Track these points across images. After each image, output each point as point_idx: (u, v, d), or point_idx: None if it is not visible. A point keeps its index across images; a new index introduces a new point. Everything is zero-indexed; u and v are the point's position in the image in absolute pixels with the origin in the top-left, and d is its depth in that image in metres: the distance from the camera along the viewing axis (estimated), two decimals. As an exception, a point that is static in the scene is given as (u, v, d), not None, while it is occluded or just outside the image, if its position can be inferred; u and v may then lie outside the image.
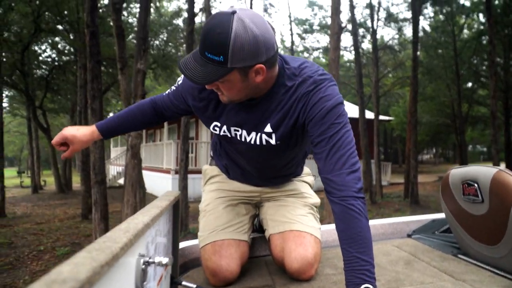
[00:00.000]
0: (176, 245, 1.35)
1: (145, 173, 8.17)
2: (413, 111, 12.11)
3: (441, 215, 1.93)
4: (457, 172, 1.55)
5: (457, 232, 1.64)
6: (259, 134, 1.31)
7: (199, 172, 13.18)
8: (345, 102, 20.29)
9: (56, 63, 16.56)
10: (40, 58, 16.74)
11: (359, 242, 1.10)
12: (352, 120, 15.68)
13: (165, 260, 0.86)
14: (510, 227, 1.29)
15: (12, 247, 7.76)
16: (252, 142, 1.33)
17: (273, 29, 1.14)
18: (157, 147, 16.44)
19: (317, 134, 1.19)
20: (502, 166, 18.95)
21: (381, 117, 19.02)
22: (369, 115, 17.19)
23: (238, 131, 1.34)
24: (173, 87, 1.47)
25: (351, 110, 18.41)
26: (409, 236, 1.97)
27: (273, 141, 1.30)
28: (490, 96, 12.24)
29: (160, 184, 14.94)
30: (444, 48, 18.58)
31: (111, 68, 14.33)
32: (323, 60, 26.19)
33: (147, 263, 0.81)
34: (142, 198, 8.95)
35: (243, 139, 1.35)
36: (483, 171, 1.40)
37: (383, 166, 17.90)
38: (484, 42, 17.40)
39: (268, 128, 1.28)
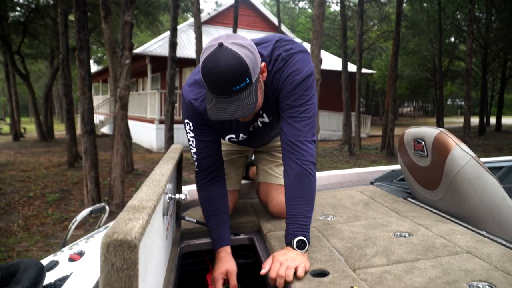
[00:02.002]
0: (180, 187, 1.68)
1: (129, 123, 8.36)
2: (393, 66, 12.39)
3: (399, 167, 2.29)
4: (411, 131, 1.89)
5: (408, 180, 2.00)
6: (258, 119, 1.51)
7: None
8: (329, 55, 20.37)
9: (34, 6, 16.02)
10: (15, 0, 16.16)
11: (309, 200, 1.35)
12: (335, 73, 15.78)
13: (182, 196, 1.18)
14: (444, 177, 1.65)
15: (1, 193, 7.96)
16: (251, 129, 1.55)
17: None
18: (140, 96, 16.45)
19: (287, 103, 1.36)
20: (475, 120, 19.64)
21: (364, 70, 19.27)
22: (352, 68, 17.41)
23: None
24: (193, 139, 1.51)
25: (334, 63, 18.56)
26: (371, 183, 2.35)
27: (266, 119, 1.50)
28: (466, 54, 12.56)
29: (144, 133, 15.10)
30: (429, 1, 18.60)
31: (91, 13, 14.00)
32: (310, 11, 25.88)
33: (170, 199, 1.13)
34: (128, 147, 9.21)
35: (248, 134, 1.57)
36: (429, 132, 1.73)
37: (363, 119, 18.38)
38: (468, -3, 17.48)
39: (260, 111, 1.47)
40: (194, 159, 1.54)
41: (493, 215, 1.51)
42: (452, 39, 22.13)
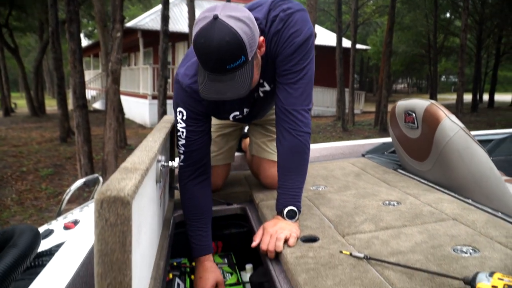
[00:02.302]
0: (173, 157, 1.69)
1: (121, 98, 8.29)
2: (388, 41, 12.32)
3: (390, 139, 2.31)
4: (402, 103, 1.90)
5: (399, 152, 2.03)
6: (258, 89, 1.43)
7: (176, 97, 13.26)
8: (323, 30, 20.16)
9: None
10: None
11: (301, 171, 1.35)
12: (329, 48, 15.60)
13: (175, 163, 1.20)
14: (434, 148, 1.67)
15: (-7, 168, 7.95)
16: (253, 101, 1.47)
17: None
18: (132, 71, 16.28)
19: (285, 68, 1.29)
20: (468, 96, 19.72)
21: (358, 46, 19.13)
22: (347, 43, 17.28)
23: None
24: (184, 130, 1.41)
25: (329, 38, 18.40)
26: (363, 155, 2.38)
27: (267, 88, 1.41)
28: (461, 29, 12.50)
29: (137, 109, 15.01)
30: (426, -25, 18.39)
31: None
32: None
33: (162, 166, 1.15)
34: (121, 122, 9.17)
35: (249, 108, 1.51)
36: (420, 103, 1.75)
37: (357, 95, 18.36)
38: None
39: (260, 80, 1.38)
40: (181, 151, 1.44)
41: (480, 185, 1.54)
42: (448, 15, 22.01)
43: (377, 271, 1.02)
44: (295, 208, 1.32)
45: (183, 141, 1.42)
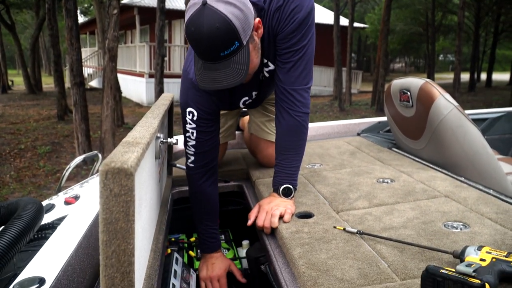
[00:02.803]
0: (171, 134, 1.71)
1: (118, 76, 8.25)
2: (386, 19, 12.20)
3: (385, 118, 2.33)
4: (397, 82, 1.92)
5: (394, 130, 2.05)
6: (263, 70, 1.39)
7: (173, 76, 13.20)
8: (321, 8, 19.92)
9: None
10: None
11: (298, 151, 1.36)
12: (326, 26, 15.41)
13: (174, 140, 1.22)
14: (428, 126, 1.70)
15: (-9, 145, 7.96)
16: (262, 79, 1.43)
17: None
18: (129, 49, 16.12)
19: (286, 46, 1.26)
20: (466, 76, 19.68)
21: (356, 24, 18.96)
22: (344, 21, 17.12)
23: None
24: (194, 130, 1.38)
25: (326, 16, 18.20)
26: (358, 134, 2.40)
27: (272, 67, 1.37)
28: (459, 7, 12.38)
29: (134, 87, 14.93)
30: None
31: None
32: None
33: (161, 142, 1.17)
34: (118, 100, 9.15)
35: (257, 90, 1.47)
36: (415, 82, 1.76)
37: (354, 75, 18.30)
38: None
39: (263, 60, 1.34)
40: (191, 153, 1.41)
41: (473, 163, 1.58)
42: (447, -8, 21.73)
43: (369, 245, 1.06)
44: (291, 186, 1.34)
45: (193, 142, 1.39)
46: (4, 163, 6.83)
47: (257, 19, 1.16)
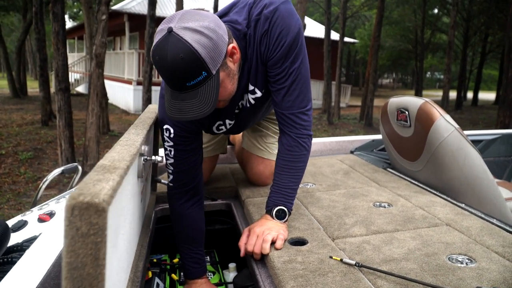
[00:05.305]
0: (156, 149, 1.61)
1: (106, 82, 8.12)
2: (376, 35, 12.29)
3: (380, 137, 2.27)
4: (394, 100, 1.85)
5: (389, 150, 1.98)
6: (245, 97, 1.31)
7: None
8: (312, 22, 20.05)
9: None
10: None
11: (297, 172, 1.28)
12: (317, 40, 15.50)
13: (159, 158, 1.12)
14: (426, 147, 1.63)
15: (-29, 149, 7.72)
16: (242, 107, 1.34)
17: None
18: (118, 55, 15.96)
19: (278, 72, 1.19)
20: (453, 94, 19.93)
21: (346, 39, 19.12)
22: (335, 36, 17.22)
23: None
24: (172, 149, 1.30)
25: (317, 30, 18.31)
26: (351, 152, 2.33)
27: (259, 94, 1.29)
28: (450, 26, 12.55)
29: (121, 94, 14.76)
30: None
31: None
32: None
33: (145, 160, 1.07)
34: (104, 107, 8.99)
35: (235, 118, 1.38)
36: (414, 101, 1.69)
37: (343, 88, 18.37)
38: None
39: (250, 87, 1.27)
40: (170, 171, 1.33)
41: (473, 188, 1.51)
42: (436, 11, 22.10)
43: (369, 280, 0.97)
44: (285, 209, 1.25)
45: (171, 160, 1.31)
46: (-17, 169, 6.61)
47: (231, 45, 1.07)
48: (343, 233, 1.24)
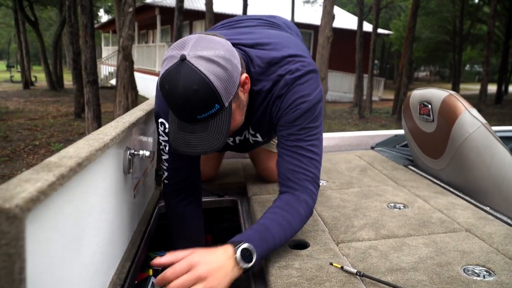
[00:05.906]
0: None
1: (137, 75, 8.19)
2: (411, 26, 11.86)
3: (403, 131, 2.13)
4: (417, 93, 1.72)
5: (411, 146, 1.85)
6: (244, 135, 1.28)
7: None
8: (344, 13, 19.64)
9: None
10: None
11: (286, 231, 1.02)
12: (349, 32, 15.22)
13: (147, 153, 1.05)
14: (450, 144, 1.49)
15: (7, 140, 7.97)
16: (241, 141, 1.31)
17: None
18: (149, 48, 16.16)
19: (285, 133, 1.10)
20: (493, 87, 19.08)
21: (380, 31, 18.60)
22: (368, 27, 16.79)
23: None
24: (168, 144, 1.21)
25: (349, 21, 17.93)
26: (372, 148, 2.19)
27: (260, 139, 1.27)
28: (490, 16, 11.96)
29: (153, 87, 14.93)
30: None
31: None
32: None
33: (132, 155, 1.00)
34: (134, 99, 9.10)
35: (232, 145, 1.35)
36: (437, 94, 1.56)
37: (376, 82, 17.93)
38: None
39: (251, 130, 1.24)
40: (165, 168, 1.25)
41: (500, 189, 1.36)
42: (476, 0, 21.15)
43: (370, 292, 0.87)
44: (254, 253, 0.92)
45: (166, 156, 1.23)
46: (17, 159, 6.81)
47: (244, 75, 0.99)
48: (349, 237, 1.13)
